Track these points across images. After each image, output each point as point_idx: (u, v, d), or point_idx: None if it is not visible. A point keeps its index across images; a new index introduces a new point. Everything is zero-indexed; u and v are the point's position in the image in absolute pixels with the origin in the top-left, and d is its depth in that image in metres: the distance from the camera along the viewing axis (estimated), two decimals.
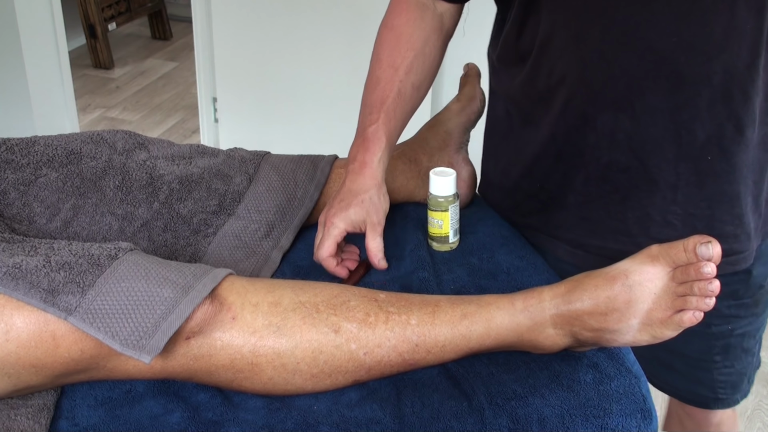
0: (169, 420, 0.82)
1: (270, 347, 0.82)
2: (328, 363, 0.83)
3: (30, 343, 0.78)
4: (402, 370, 0.86)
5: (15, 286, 0.78)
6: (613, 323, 0.83)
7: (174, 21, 4.35)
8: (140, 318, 0.78)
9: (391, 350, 0.84)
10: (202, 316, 0.81)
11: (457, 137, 1.18)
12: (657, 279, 0.82)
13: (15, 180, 1.00)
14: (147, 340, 0.77)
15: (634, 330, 0.83)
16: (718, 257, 0.79)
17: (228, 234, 1.06)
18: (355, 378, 0.85)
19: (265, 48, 2.63)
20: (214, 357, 0.82)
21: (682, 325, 0.81)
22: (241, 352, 0.82)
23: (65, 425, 0.82)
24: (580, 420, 0.82)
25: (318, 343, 0.82)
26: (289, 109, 2.72)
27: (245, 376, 0.83)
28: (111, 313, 0.78)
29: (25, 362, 0.78)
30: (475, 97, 1.19)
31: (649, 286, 0.82)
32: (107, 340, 0.77)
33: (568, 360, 0.89)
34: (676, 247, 0.81)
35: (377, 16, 1.13)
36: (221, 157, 1.11)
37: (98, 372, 0.83)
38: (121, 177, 1.04)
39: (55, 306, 0.78)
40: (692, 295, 0.80)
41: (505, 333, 0.86)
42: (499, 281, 1.02)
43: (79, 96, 3.43)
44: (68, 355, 0.79)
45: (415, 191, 1.17)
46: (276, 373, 0.83)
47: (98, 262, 0.82)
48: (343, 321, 0.83)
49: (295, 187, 1.10)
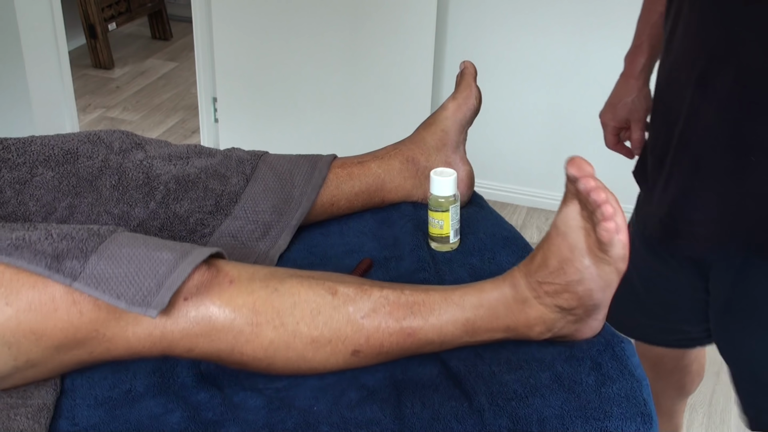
0: (169, 420, 0.81)
1: (269, 305, 0.83)
2: (327, 325, 0.84)
3: (29, 306, 0.78)
4: (401, 343, 0.87)
5: (20, 255, 0.79)
6: (573, 273, 0.85)
7: (174, 21, 4.35)
8: (143, 278, 0.80)
9: (387, 316, 0.86)
10: (200, 278, 0.82)
11: (455, 136, 1.18)
12: (574, 215, 0.85)
13: (11, 179, 1.00)
14: (152, 298, 0.79)
15: (593, 268, 0.85)
16: (583, 169, 0.81)
17: (225, 234, 1.06)
18: (355, 347, 0.85)
19: (265, 48, 2.63)
20: (214, 318, 0.82)
21: (602, 239, 0.82)
22: (241, 312, 0.83)
23: (65, 425, 0.82)
24: (580, 422, 0.82)
25: (316, 303, 0.85)
26: (289, 109, 2.72)
27: (246, 338, 0.83)
28: (115, 276, 0.80)
29: (25, 328, 0.78)
30: (470, 95, 1.19)
31: (573, 224, 0.85)
32: (113, 301, 0.79)
33: (570, 361, 0.89)
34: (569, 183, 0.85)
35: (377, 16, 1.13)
36: (218, 157, 1.11)
37: (98, 344, 0.82)
38: (118, 177, 1.04)
39: (60, 272, 0.79)
40: (592, 211, 0.82)
41: (495, 303, 0.88)
42: None
43: (79, 96, 3.43)
44: (67, 318, 0.79)
45: (412, 191, 1.17)
46: (276, 334, 0.83)
47: (98, 233, 0.84)
48: (339, 285, 0.86)
49: (292, 188, 1.10)
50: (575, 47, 2.51)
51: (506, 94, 2.61)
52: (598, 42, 2.46)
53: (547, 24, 2.50)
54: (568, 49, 2.52)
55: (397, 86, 2.56)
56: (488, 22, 2.54)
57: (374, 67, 2.56)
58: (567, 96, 2.58)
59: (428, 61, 2.49)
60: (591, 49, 2.49)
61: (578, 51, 2.51)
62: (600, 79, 2.40)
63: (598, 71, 2.45)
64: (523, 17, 2.51)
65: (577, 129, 2.58)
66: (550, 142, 2.65)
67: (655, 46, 1.31)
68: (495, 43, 2.55)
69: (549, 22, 2.50)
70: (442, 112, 1.18)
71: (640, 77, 1.32)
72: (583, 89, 2.55)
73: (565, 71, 2.55)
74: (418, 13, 2.43)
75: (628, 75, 1.33)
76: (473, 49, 2.55)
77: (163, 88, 3.70)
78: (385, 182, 1.15)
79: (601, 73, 2.40)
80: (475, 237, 1.11)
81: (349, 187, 1.13)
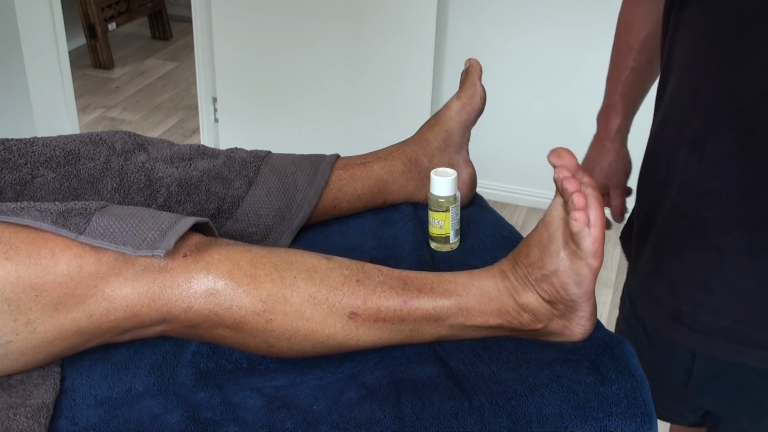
0: (169, 420, 0.81)
1: (267, 261, 0.85)
2: (324, 282, 0.85)
3: (29, 260, 0.79)
4: (398, 311, 0.87)
5: (25, 213, 0.81)
6: (550, 263, 0.85)
7: (174, 21, 4.35)
8: (147, 230, 0.82)
9: (382, 283, 0.87)
10: (199, 239, 0.85)
11: (458, 137, 1.17)
12: (557, 206, 0.86)
13: (11, 179, 1.00)
14: (158, 243, 0.81)
15: (566, 261, 0.84)
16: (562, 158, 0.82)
17: (226, 236, 1.06)
18: (352, 308, 0.86)
19: (265, 48, 2.63)
20: (212, 272, 0.83)
21: (572, 229, 0.81)
22: (239, 265, 0.84)
23: (65, 425, 0.82)
24: (580, 421, 0.82)
25: (312, 264, 0.86)
26: (289, 109, 2.72)
27: (244, 290, 0.83)
28: (119, 229, 0.82)
29: (25, 282, 0.78)
30: (475, 94, 1.18)
31: (555, 215, 0.86)
32: (120, 248, 0.80)
33: (569, 362, 0.89)
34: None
35: (377, 15, 1.13)
36: (221, 158, 1.11)
37: (97, 304, 0.81)
38: (119, 179, 1.04)
39: (66, 227, 0.80)
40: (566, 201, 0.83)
41: (486, 286, 0.89)
42: None
43: (79, 96, 3.43)
44: (67, 272, 0.79)
45: (415, 192, 1.17)
46: (274, 286, 0.84)
47: (99, 201, 0.86)
48: (334, 256, 0.89)
49: (294, 192, 1.10)
50: (575, 47, 2.51)
51: (506, 94, 2.62)
52: (599, 42, 2.46)
53: (548, 24, 2.51)
54: (568, 48, 2.52)
55: (397, 85, 2.57)
56: (488, 22, 2.54)
57: (374, 66, 2.56)
58: (567, 96, 2.58)
59: (428, 60, 2.49)
60: (591, 49, 2.49)
61: (578, 51, 2.51)
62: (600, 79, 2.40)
63: (599, 71, 2.45)
64: (523, 17, 2.51)
65: (577, 129, 2.58)
66: (550, 142, 2.65)
67: (629, 104, 1.22)
68: (495, 42, 2.55)
69: (549, 22, 2.50)
70: (446, 112, 1.18)
71: (615, 139, 1.22)
72: (584, 89, 2.55)
73: (565, 71, 2.55)
74: (418, 13, 2.43)
75: (602, 137, 1.23)
76: (473, 48, 2.55)
77: (163, 88, 3.70)
78: (388, 184, 1.15)
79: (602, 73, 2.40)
80: (475, 237, 1.11)
81: (351, 189, 1.13)
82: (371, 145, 1.23)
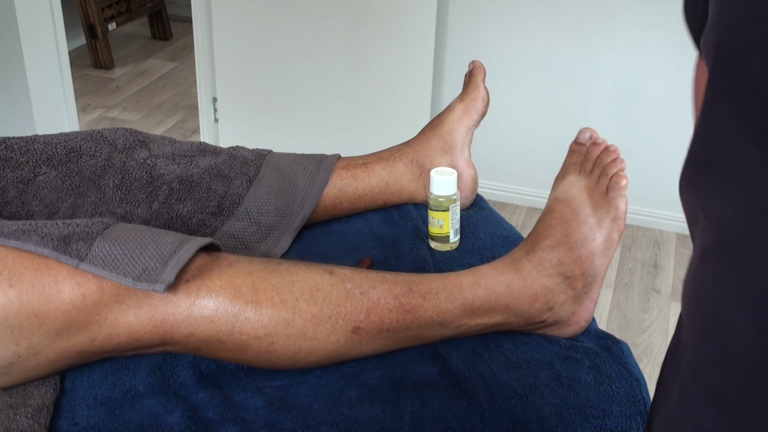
0: (169, 420, 0.81)
1: (268, 284, 0.85)
2: (326, 300, 0.85)
3: (32, 288, 0.78)
4: (402, 321, 0.87)
5: (27, 238, 0.80)
6: (578, 234, 0.88)
7: (174, 21, 4.35)
8: (148, 258, 0.81)
9: (386, 292, 0.87)
10: (201, 261, 0.84)
11: (461, 139, 1.17)
12: (576, 181, 0.90)
13: (14, 178, 1.00)
14: (158, 275, 0.80)
15: (596, 226, 0.89)
16: (592, 135, 0.92)
17: (226, 235, 1.06)
18: (355, 323, 0.85)
19: (265, 48, 2.63)
20: (214, 298, 0.83)
21: (619, 185, 0.88)
22: (240, 290, 0.84)
23: (65, 425, 0.81)
24: (580, 420, 0.82)
25: (314, 281, 0.86)
26: (289, 109, 2.72)
27: (246, 316, 0.83)
28: (121, 256, 0.81)
29: (28, 310, 0.78)
30: (478, 96, 1.18)
31: (574, 190, 0.90)
32: (120, 279, 0.79)
33: (569, 360, 0.89)
34: (570, 155, 0.93)
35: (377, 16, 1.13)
36: (223, 156, 1.11)
37: (99, 329, 0.81)
38: (121, 176, 1.04)
39: (67, 254, 0.80)
40: (605, 164, 0.88)
41: (493, 283, 0.89)
42: None
43: (79, 96, 3.43)
44: (70, 300, 0.79)
45: (416, 193, 1.17)
46: (276, 311, 0.84)
47: (102, 221, 0.86)
48: (336, 267, 0.88)
49: (295, 191, 1.10)
50: (576, 47, 2.51)
51: (506, 95, 2.62)
52: (599, 42, 2.46)
53: (548, 24, 2.51)
54: (568, 49, 2.52)
55: (398, 86, 2.57)
56: (488, 22, 2.54)
57: (374, 66, 2.56)
58: (567, 96, 2.58)
59: (428, 61, 2.49)
60: (592, 50, 2.49)
61: (579, 51, 2.51)
62: (601, 79, 2.40)
63: (599, 71, 2.45)
64: (523, 17, 2.51)
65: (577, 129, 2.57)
66: (551, 142, 2.65)
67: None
68: (495, 43, 2.55)
69: (550, 23, 2.50)
70: (449, 114, 1.18)
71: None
72: (584, 89, 2.55)
73: (565, 71, 2.55)
74: (418, 14, 2.43)
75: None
76: (473, 49, 2.55)
77: (163, 88, 3.70)
78: (389, 185, 1.14)
79: (602, 73, 2.40)
80: (475, 237, 1.11)
81: (352, 189, 1.13)
82: (371, 146, 1.23)
